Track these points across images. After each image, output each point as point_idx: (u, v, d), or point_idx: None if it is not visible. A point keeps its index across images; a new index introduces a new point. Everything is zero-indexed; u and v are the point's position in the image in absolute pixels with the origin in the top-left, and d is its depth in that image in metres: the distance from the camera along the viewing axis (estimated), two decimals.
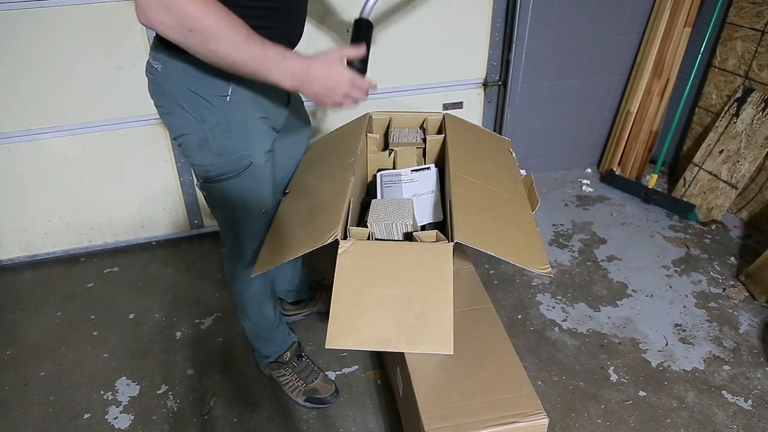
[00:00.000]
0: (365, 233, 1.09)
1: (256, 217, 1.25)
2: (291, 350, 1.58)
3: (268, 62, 0.92)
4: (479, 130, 1.59)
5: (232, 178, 1.15)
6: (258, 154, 1.15)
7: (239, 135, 1.11)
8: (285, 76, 0.95)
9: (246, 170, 1.15)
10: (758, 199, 2.26)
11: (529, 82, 2.40)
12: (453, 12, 2.16)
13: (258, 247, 1.31)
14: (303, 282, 1.81)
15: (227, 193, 1.18)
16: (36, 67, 1.84)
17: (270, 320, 1.50)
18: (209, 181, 1.17)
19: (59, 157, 2.02)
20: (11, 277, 2.15)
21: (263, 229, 1.28)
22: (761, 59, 2.16)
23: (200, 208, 2.28)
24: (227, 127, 1.09)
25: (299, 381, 1.56)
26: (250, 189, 1.18)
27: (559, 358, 1.70)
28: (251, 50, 0.89)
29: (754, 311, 1.86)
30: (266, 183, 1.21)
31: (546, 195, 2.56)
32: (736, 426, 1.48)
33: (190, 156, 1.14)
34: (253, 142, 1.13)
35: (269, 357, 1.58)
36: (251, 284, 1.37)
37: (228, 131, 1.09)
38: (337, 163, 1.32)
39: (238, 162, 1.13)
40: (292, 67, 0.95)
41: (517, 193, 1.31)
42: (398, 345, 0.96)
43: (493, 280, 2.02)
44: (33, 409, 1.59)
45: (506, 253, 1.04)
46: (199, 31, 0.85)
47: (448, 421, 1.08)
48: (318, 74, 0.98)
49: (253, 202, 1.21)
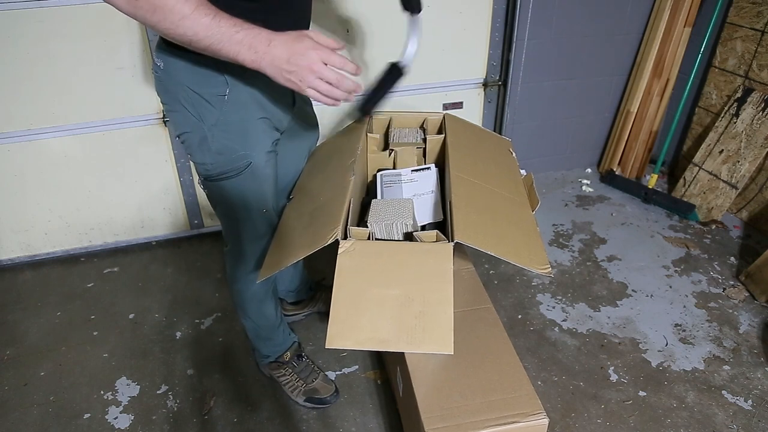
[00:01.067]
0: (365, 233, 1.09)
1: (256, 217, 1.24)
2: (291, 350, 1.58)
3: (222, 33, 0.86)
4: (479, 130, 1.59)
5: (232, 178, 1.15)
6: (258, 154, 1.15)
7: (238, 135, 1.11)
8: (242, 47, 0.88)
9: (245, 170, 1.15)
10: (758, 199, 2.26)
11: (529, 82, 2.40)
12: (453, 12, 2.16)
13: (259, 248, 1.30)
14: (303, 282, 1.81)
15: (227, 192, 1.18)
16: (36, 67, 1.84)
17: (271, 320, 1.50)
18: (210, 179, 1.17)
19: (59, 157, 2.02)
20: (11, 277, 2.15)
21: (265, 230, 1.28)
22: (761, 59, 2.16)
23: (200, 208, 2.28)
24: (226, 126, 1.08)
25: (299, 381, 1.56)
26: (249, 189, 1.18)
27: (559, 358, 1.70)
28: (201, 21, 0.84)
29: (754, 311, 1.86)
30: (267, 183, 1.21)
31: (546, 195, 2.56)
32: (736, 426, 1.48)
33: (192, 154, 1.14)
34: (252, 142, 1.13)
35: (269, 357, 1.58)
36: (252, 284, 1.37)
37: (227, 131, 1.09)
38: (338, 163, 1.32)
39: (237, 162, 1.13)
40: (250, 38, 0.88)
41: (518, 193, 1.31)
42: (398, 345, 0.96)
43: (493, 280, 2.03)
44: (33, 409, 1.59)
45: (506, 253, 1.04)
46: (144, 0, 0.81)
47: (448, 421, 1.08)
48: (280, 47, 0.89)
49: (253, 202, 1.21)
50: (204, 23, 0.84)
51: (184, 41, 0.88)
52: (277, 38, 0.89)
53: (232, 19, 0.87)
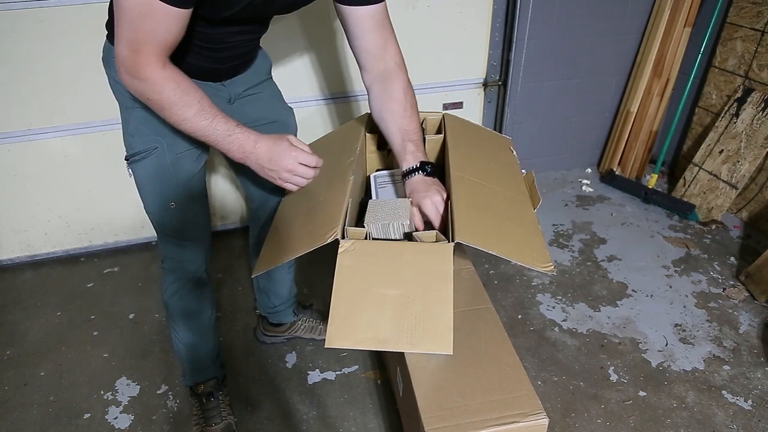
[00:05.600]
0: (362, 233, 1.09)
1: (165, 211, 1.23)
2: (207, 384, 1.50)
3: (216, 135, 1.04)
4: (479, 129, 1.59)
5: (142, 160, 1.16)
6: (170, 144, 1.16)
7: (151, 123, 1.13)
8: (233, 147, 1.06)
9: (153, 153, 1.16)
10: (758, 199, 2.26)
11: (529, 82, 2.40)
12: (453, 12, 2.16)
13: (176, 252, 1.30)
14: (290, 305, 1.73)
15: (138, 176, 1.19)
16: (36, 67, 1.84)
17: (196, 343, 1.44)
18: (127, 160, 1.19)
19: (59, 157, 2.02)
20: (11, 277, 2.15)
21: (178, 227, 1.26)
22: (761, 59, 2.16)
23: None
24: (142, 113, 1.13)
25: (201, 419, 1.48)
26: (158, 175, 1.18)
27: (559, 358, 1.70)
28: (200, 124, 1.02)
29: (754, 311, 1.86)
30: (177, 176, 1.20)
31: (546, 195, 2.56)
32: (736, 426, 1.48)
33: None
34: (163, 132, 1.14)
35: (186, 380, 1.51)
36: (174, 296, 1.36)
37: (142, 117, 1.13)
38: (337, 162, 1.32)
39: (146, 144, 1.15)
40: (240, 141, 1.06)
41: (519, 191, 1.30)
42: (398, 345, 0.96)
43: (493, 280, 2.02)
44: (33, 409, 1.59)
45: (508, 252, 1.04)
46: (154, 102, 0.99)
47: (448, 421, 1.08)
48: (263, 148, 1.07)
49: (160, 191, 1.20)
50: (202, 126, 1.02)
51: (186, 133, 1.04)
52: (261, 140, 1.07)
53: (227, 122, 1.04)
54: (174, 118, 1.01)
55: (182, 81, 0.99)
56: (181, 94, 0.99)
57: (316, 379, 1.65)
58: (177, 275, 1.34)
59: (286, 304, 1.70)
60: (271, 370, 1.69)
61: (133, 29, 0.92)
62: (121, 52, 0.94)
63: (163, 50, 0.95)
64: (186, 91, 0.99)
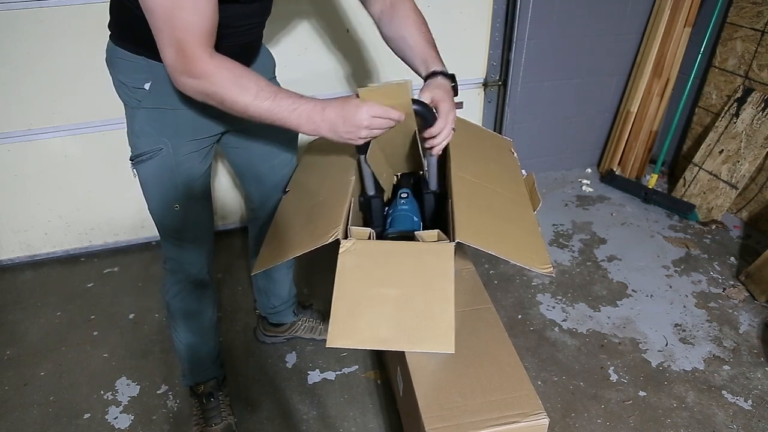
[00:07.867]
0: (366, 233, 1.09)
1: (168, 213, 1.22)
2: (208, 385, 1.50)
3: (282, 112, 1.00)
4: (480, 130, 1.59)
5: (146, 161, 1.16)
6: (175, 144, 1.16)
7: (156, 122, 1.13)
8: (302, 120, 1.01)
9: (158, 155, 1.15)
10: (758, 199, 2.26)
11: (529, 82, 2.40)
12: (453, 12, 2.16)
13: (178, 253, 1.29)
14: (290, 305, 1.73)
15: (142, 177, 1.19)
16: (36, 67, 1.84)
17: (197, 343, 1.44)
18: (131, 161, 1.19)
19: (59, 157, 2.02)
20: (11, 277, 2.14)
21: (179, 227, 1.25)
22: (761, 59, 2.16)
23: None
24: (146, 113, 1.12)
25: (201, 419, 1.48)
26: (162, 177, 1.18)
27: (559, 358, 1.70)
28: (262, 106, 0.98)
29: (754, 311, 1.86)
30: (182, 178, 1.20)
31: (546, 195, 2.56)
32: (736, 426, 1.48)
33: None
34: (169, 133, 1.14)
35: (186, 380, 1.52)
36: (176, 297, 1.36)
37: (147, 117, 1.12)
38: (338, 162, 1.32)
39: (152, 145, 1.15)
40: (307, 112, 1.01)
41: (519, 192, 1.30)
42: (399, 344, 0.96)
43: (493, 280, 2.02)
44: (33, 409, 1.58)
45: (508, 253, 1.04)
46: (213, 96, 0.97)
47: (448, 421, 1.08)
48: (333, 113, 1.02)
49: (163, 193, 1.20)
50: (265, 107, 0.98)
51: (254, 119, 1.01)
52: (328, 106, 1.02)
53: (289, 97, 1.00)
54: (237, 107, 0.98)
55: (233, 66, 0.97)
56: (236, 78, 0.96)
57: (316, 379, 1.65)
58: (179, 277, 1.34)
59: (286, 305, 1.70)
60: (271, 370, 1.69)
61: (169, 27, 0.90)
62: (169, 57, 0.93)
63: (206, 39, 0.93)
64: (240, 75, 0.97)
